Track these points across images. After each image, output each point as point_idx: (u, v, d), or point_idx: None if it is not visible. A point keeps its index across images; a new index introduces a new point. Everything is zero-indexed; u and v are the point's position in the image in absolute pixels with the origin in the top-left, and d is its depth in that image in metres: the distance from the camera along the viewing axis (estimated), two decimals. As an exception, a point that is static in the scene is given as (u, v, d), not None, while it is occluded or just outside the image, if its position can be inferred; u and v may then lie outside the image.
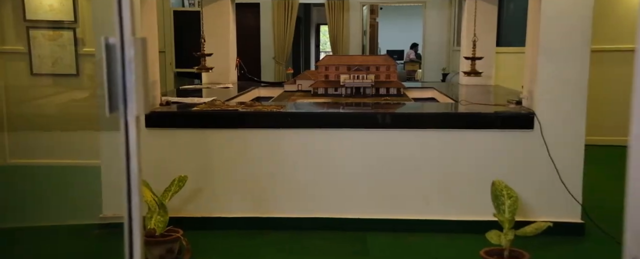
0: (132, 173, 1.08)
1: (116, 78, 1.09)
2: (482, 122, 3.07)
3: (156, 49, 3.23)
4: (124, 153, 1.06)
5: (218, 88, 4.72)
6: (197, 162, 3.12)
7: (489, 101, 3.80)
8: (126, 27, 1.10)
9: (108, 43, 1.10)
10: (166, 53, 6.55)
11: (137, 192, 1.08)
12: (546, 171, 3.02)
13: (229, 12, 5.12)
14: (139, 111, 1.08)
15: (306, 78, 4.47)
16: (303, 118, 3.13)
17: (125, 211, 0.98)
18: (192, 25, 5.86)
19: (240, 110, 3.12)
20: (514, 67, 6.63)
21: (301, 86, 4.48)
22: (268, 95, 4.89)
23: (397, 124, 3.09)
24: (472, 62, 3.41)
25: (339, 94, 4.12)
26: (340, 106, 3.51)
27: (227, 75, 5.23)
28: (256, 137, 3.11)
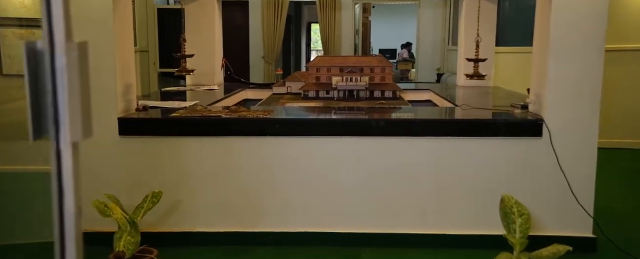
0: (66, 220, 0.82)
1: (44, 94, 0.85)
2: (485, 129, 2.83)
3: (131, 48, 2.96)
4: (55, 191, 0.82)
5: (203, 90, 4.46)
6: (176, 173, 2.86)
7: (491, 105, 3.56)
8: (57, 27, 0.86)
9: (32, 48, 0.85)
10: (150, 53, 6.28)
11: (73, 245, 0.83)
12: (556, 182, 2.79)
13: (215, 9, 4.86)
14: (76, 136, 0.83)
15: (296, 80, 4.22)
16: (292, 125, 2.87)
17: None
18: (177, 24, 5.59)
19: (223, 116, 2.87)
20: (513, 68, 6.41)
21: (291, 88, 4.22)
22: (256, 97, 4.63)
23: (393, 131, 2.84)
24: (476, 65, 3.17)
25: (331, 98, 3.87)
26: (332, 111, 3.25)
27: (212, 76, 4.96)
28: (241, 146, 2.85)
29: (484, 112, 3.13)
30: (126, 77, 2.91)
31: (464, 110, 3.21)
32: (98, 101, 2.79)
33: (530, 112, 2.97)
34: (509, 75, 5.92)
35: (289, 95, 4.21)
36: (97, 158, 2.82)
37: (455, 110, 3.30)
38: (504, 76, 5.81)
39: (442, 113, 3.25)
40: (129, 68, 2.93)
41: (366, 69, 3.85)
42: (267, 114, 2.92)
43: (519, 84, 5.25)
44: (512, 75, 6.00)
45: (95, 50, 2.77)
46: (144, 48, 6.26)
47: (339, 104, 3.64)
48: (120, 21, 2.81)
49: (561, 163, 2.76)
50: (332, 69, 3.86)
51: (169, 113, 2.97)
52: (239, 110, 2.99)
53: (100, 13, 2.73)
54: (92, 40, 2.86)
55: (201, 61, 4.95)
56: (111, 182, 2.84)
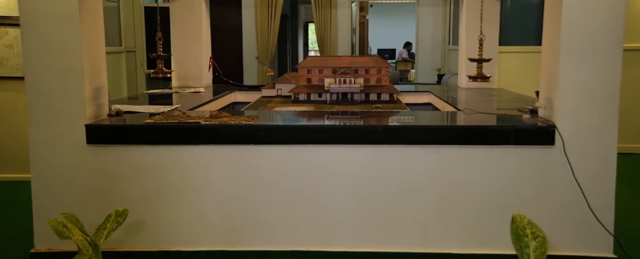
0: None
1: None
2: (491, 136, 2.56)
3: (102, 46, 2.69)
4: None
5: (188, 93, 4.19)
6: (150, 185, 2.59)
7: (495, 109, 3.30)
8: None
9: None
10: (136, 53, 6.01)
11: None
12: (570, 195, 2.52)
13: (201, 7, 4.59)
14: None
15: (286, 82, 3.95)
16: (278, 132, 2.60)
17: None
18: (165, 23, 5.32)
19: (202, 122, 2.60)
20: (516, 69, 6.16)
21: (281, 90, 3.95)
22: (245, 100, 4.36)
23: (389, 138, 2.57)
24: (479, 65, 2.90)
25: (323, 101, 3.60)
26: (323, 116, 2.99)
27: (199, 78, 4.70)
28: (222, 155, 2.58)
29: (489, 117, 2.87)
30: (96, 79, 2.64)
31: (466, 114, 2.94)
32: (63, 105, 2.53)
33: (540, 117, 2.70)
34: (512, 76, 5.66)
35: (278, 98, 3.95)
36: (61, 169, 2.55)
37: (457, 115, 3.03)
38: (507, 77, 5.55)
39: (443, 118, 2.98)
40: (100, 68, 2.66)
41: (361, 69, 3.59)
42: (251, 119, 2.65)
43: (523, 85, 4.99)
44: (515, 76, 5.74)
45: (59, 49, 2.50)
46: (130, 48, 5.99)
47: (331, 108, 3.37)
48: (88, 16, 2.54)
49: (576, 174, 2.49)
50: (324, 69, 3.59)
51: (144, 119, 2.70)
52: (221, 115, 2.72)
53: (64, 6, 2.46)
54: (56, 37, 2.60)
55: (187, 62, 4.69)
56: (76, 197, 2.57)
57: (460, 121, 2.86)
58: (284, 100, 3.79)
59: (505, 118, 2.78)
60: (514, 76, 5.57)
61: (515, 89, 4.52)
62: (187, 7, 4.55)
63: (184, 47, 4.64)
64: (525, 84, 5.32)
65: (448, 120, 2.93)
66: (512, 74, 5.65)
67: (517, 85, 4.92)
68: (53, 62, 2.50)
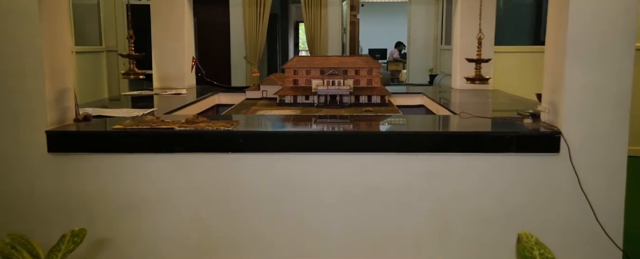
0: None
1: None
2: (490, 143, 2.35)
3: (66, 45, 2.46)
4: None
5: (169, 95, 3.97)
6: (118, 198, 2.36)
7: (493, 113, 3.10)
8: None
9: None
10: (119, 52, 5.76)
11: None
12: (576, 207, 2.32)
13: (184, 3, 4.37)
14: None
15: (272, 83, 3.73)
16: (259, 139, 2.39)
17: None
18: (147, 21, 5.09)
19: (176, 128, 2.37)
20: (511, 70, 5.97)
21: (266, 92, 3.74)
22: (230, 102, 4.14)
23: (380, 146, 2.36)
24: (477, 66, 2.69)
25: (310, 104, 3.39)
26: (310, 121, 2.77)
27: (182, 78, 4.47)
28: (197, 165, 2.36)
29: (487, 122, 2.66)
30: (59, 81, 2.40)
31: (463, 119, 2.74)
32: (21, 110, 2.29)
33: (543, 122, 2.50)
34: (507, 77, 5.48)
35: (263, 100, 3.73)
36: (18, 181, 2.32)
37: (453, 119, 2.82)
38: (501, 78, 5.36)
39: (438, 123, 2.77)
40: (63, 69, 2.43)
41: (350, 70, 3.37)
42: (230, 125, 2.43)
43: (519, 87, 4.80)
44: (511, 77, 5.56)
45: (17, 48, 2.27)
46: (112, 47, 5.75)
47: (319, 111, 3.16)
48: (48, 12, 2.31)
49: (583, 185, 2.29)
50: (311, 70, 3.38)
51: (115, 124, 2.47)
52: (197, 120, 2.49)
53: (21, 2, 2.23)
54: (14, 35, 2.36)
55: (169, 62, 4.47)
56: (36, 211, 2.33)
57: (456, 126, 2.66)
58: (269, 103, 3.57)
59: (505, 123, 2.58)
60: (509, 77, 5.39)
61: (510, 90, 4.33)
62: (168, 3, 4.33)
63: (165, 47, 4.41)
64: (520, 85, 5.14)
65: (443, 125, 2.72)
66: (507, 75, 5.47)
67: (513, 86, 4.74)
68: (9, 63, 2.27)
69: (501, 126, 2.53)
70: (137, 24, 5.43)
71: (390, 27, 11.72)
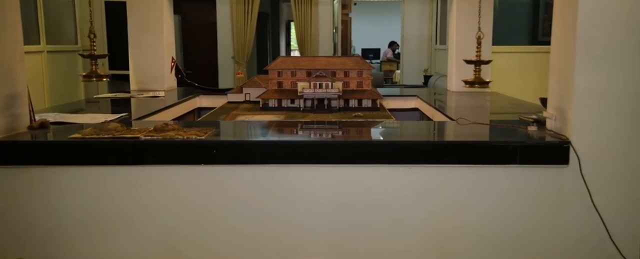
0: None
1: None
2: (493, 154, 2.11)
3: (16, 44, 2.20)
4: None
5: (145, 97, 3.71)
6: (75, 216, 2.11)
7: (492, 118, 2.86)
8: None
9: None
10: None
11: None
12: (588, 225, 2.09)
13: (164, 1, 4.12)
14: None
15: (256, 85, 3.48)
16: (236, 149, 2.14)
17: None
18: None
19: (142, 138, 2.12)
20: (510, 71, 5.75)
21: (249, 95, 3.49)
22: (211, 105, 3.90)
23: (370, 157, 2.12)
24: (477, 68, 2.45)
25: (296, 108, 3.14)
26: (294, 128, 2.53)
27: (161, 80, 4.22)
28: (166, 178, 2.11)
29: (488, 129, 2.42)
30: (8, 85, 2.15)
31: (461, 125, 2.50)
32: (-35, 119, 2.03)
33: (549, 130, 2.26)
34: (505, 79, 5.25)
35: (246, 104, 3.48)
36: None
37: (450, 126, 2.58)
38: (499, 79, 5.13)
39: (435, 131, 2.53)
40: (14, 72, 2.17)
41: (339, 72, 3.13)
42: (203, 134, 2.18)
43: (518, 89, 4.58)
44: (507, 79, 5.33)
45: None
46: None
47: (305, 117, 2.91)
48: None
49: (595, 200, 2.06)
50: (297, 72, 3.13)
51: (74, 133, 2.21)
52: (167, 128, 2.24)
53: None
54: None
55: (147, 62, 4.22)
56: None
57: (454, 134, 2.42)
58: (252, 107, 3.32)
59: (508, 131, 2.34)
60: (507, 79, 5.16)
61: (508, 92, 4.11)
62: (147, 1, 4.07)
63: (142, 46, 4.17)
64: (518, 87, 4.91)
65: (440, 133, 2.48)
66: (504, 76, 5.24)
67: (511, 88, 4.52)
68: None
69: (504, 135, 2.29)
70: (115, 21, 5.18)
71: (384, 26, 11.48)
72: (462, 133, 2.39)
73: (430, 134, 2.46)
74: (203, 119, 2.91)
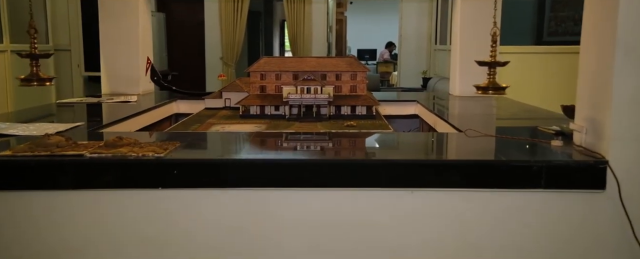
0: None
1: None
2: (511, 176, 1.74)
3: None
4: None
5: (114, 103, 3.33)
6: (4, 250, 1.73)
7: (506, 128, 2.50)
8: None
9: None
10: (72, 52, 5.12)
11: None
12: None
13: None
14: None
15: (237, 89, 3.10)
16: (201, 170, 1.76)
17: None
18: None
19: (87, 156, 1.74)
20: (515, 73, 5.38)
21: (229, 100, 3.11)
22: (190, 111, 3.51)
23: (363, 179, 1.74)
24: (491, 71, 2.08)
25: (281, 115, 2.77)
26: (276, 142, 2.15)
27: (136, 82, 3.84)
28: (115, 205, 1.73)
29: (503, 143, 2.05)
30: None
31: (470, 138, 2.13)
32: None
33: (578, 146, 1.89)
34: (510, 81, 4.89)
35: (226, 110, 3.10)
36: None
37: (457, 139, 2.21)
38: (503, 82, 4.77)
39: (439, 147, 2.16)
40: None
41: (330, 74, 2.76)
42: (163, 150, 1.80)
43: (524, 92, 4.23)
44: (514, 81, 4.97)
45: None
46: (64, 46, 5.10)
47: (289, 127, 2.54)
48: None
49: (637, 232, 1.69)
50: (282, 75, 2.76)
51: (4, 149, 1.83)
52: (120, 143, 1.86)
53: None
54: None
55: (120, 63, 3.84)
56: None
57: (463, 150, 2.05)
58: (232, 114, 2.94)
59: (529, 146, 1.97)
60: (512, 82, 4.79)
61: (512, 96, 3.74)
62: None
63: (115, 44, 3.79)
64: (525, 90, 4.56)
65: (446, 149, 2.11)
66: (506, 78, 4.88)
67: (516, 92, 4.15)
68: None
69: (524, 151, 1.92)
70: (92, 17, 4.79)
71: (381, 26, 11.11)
72: (472, 148, 2.02)
73: (434, 150, 2.09)
74: (171, 129, 2.52)
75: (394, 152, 1.99)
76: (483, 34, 3.82)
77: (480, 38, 3.80)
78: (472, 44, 3.79)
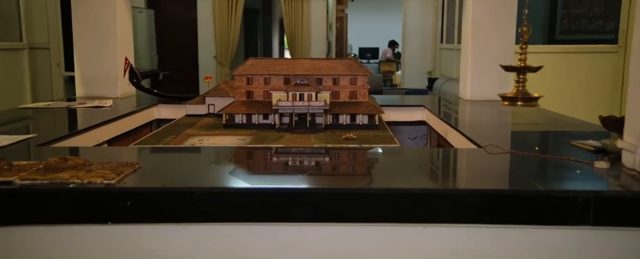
0: None
1: None
2: (550, 210, 1.38)
3: None
4: None
5: (85, 108, 2.98)
6: None
7: (532, 143, 2.15)
8: None
9: None
10: (51, 50, 4.77)
11: None
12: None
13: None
14: None
15: (222, 94, 2.75)
16: (162, 201, 1.40)
17: None
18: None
19: (17, 182, 1.39)
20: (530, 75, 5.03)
21: (213, 106, 2.76)
22: (173, 117, 3.16)
23: (365, 212, 1.39)
24: (520, 76, 1.72)
25: (270, 125, 2.41)
26: (265, 156, 1.80)
27: (114, 84, 3.50)
28: (51, 244, 1.38)
29: (534, 163, 1.69)
30: None
31: (491, 154, 1.78)
32: None
33: (630, 168, 1.54)
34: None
35: (210, 117, 2.75)
36: None
37: (476, 157, 1.85)
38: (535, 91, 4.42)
39: (456, 169, 1.80)
40: None
41: (326, 78, 2.40)
42: (119, 174, 1.45)
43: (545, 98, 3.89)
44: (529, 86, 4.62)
45: None
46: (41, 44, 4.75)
47: (279, 139, 2.18)
48: None
49: None
50: (271, 78, 2.40)
51: None
52: (63, 166, 1.50)
53: None
54: None
55: (96, 63, 3.49)
56: None
57: (488, 173, 1.68)
58: (216, 122, 2.59)
59: (565, 167, 1.62)
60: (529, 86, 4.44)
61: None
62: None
63: (89, 42, 3.44)
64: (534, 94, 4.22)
65: (464, 172, 1.75)
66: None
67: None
68: None
69: (562, 175, 1.56)
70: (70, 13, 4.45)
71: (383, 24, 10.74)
72: (498, 171, 1.66)
73: (451, 173, 1.73)
74: (139, 143, 2.16)
75: (403, 175, 1.63)
76: (497, 32, 3.47)
77: (494, 37, 3.46)
78: (486, 44, 3.44)
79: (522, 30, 1.71)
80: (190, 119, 2.72)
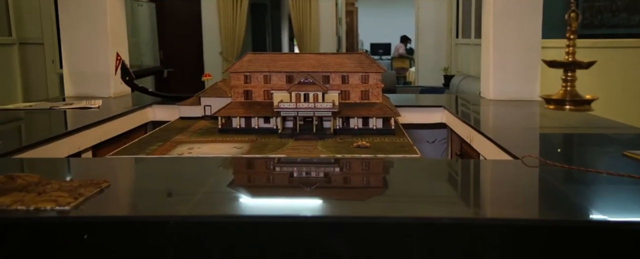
0: None
1: None
2: (621, 245, 1.09)
3: None
4: None
5: (71, 109, 2.71)
6: None
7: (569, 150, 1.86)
8: None
9: None
10: (46, 47, 4.52)
11: None
12: None
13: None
14: None
15: (219, 94, 2.46)
16: (128, 234, 1.12)
17: None
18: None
19: (-50, 209, 1.11)
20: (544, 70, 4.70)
21: (209, 108, 2.48)
22: (167, 119, 2.89)
23: (390, 249, 1.10)
24: (568, 74, 1.43)
25: (271, 130, 2.13)
26: (264, 170, 1.51)
27: (105, 83, 3.24)
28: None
29: (585, 180, 1.39)
30: None
31: (529, 167, 1.48)
32: None
33: None
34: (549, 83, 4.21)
35: (205, 120, 2.47)
36: None
37: (514, 172, 1.55)
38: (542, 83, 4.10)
39: (496, 190, 1.49)
40: None
41: (335, 76, 2.11)
42: (77, 198, 1.17)
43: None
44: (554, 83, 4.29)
45: None
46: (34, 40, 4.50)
47: (281, 148, 1.89)
48: None
49: None
50: (272, 76, 2.11)
51: None
52: (8, 186, 1.23)
53: None
54: None
55: (85, 60, 3.23)
56: None
57: (532, 195, 1.38)
58: (212, 125, 2.31)
59: (626, 185, 1.31)
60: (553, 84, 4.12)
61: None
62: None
63: (78, 38, 3.18)
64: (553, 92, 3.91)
65: (507, 195, 1.44)
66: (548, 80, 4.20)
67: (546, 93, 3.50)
68: None
69: (620, 196, 1.27)
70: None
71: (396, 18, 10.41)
72: (544, 192, 1.36)
73: (487, 195, 1.43)
74: (117, 153, 1.88)
75: (430, 197, 1.34)
76: (521, 23, 3.16)
77: (517, 30, 3.15)
78: (508, 37, 3.14)
79: (570, 17, 1.40)
80: (184, 122, 2.44)
